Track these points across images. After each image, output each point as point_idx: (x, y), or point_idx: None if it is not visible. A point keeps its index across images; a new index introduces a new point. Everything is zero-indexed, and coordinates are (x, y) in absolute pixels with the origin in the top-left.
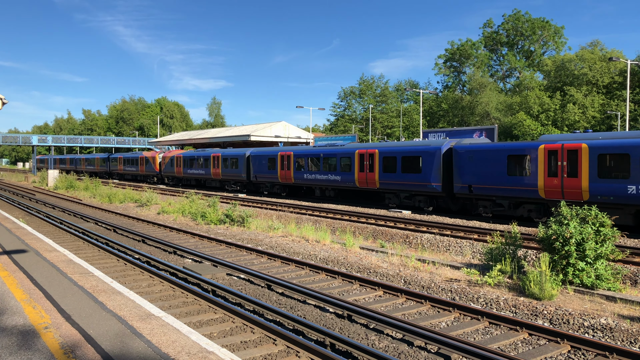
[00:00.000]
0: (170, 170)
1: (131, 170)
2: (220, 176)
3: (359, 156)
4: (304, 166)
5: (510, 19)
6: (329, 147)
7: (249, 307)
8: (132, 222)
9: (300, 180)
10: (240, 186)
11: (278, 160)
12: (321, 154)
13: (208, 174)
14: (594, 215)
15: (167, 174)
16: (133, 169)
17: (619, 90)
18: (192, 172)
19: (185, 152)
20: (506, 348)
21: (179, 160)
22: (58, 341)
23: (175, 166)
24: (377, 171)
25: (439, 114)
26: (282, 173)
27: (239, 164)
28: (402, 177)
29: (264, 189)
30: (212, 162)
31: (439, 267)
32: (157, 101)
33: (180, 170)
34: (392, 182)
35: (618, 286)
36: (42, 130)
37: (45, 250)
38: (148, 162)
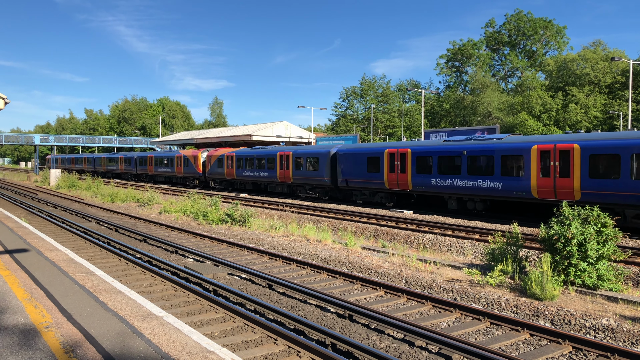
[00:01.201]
0: (217, 172)
1: (165, 172)
2: (291, 179)
3: None
4: (432, 167)
5: (512, 18)
6: (474, 141)
7: (250, 307)
8: (133, 222)
9: (427, 187)
10: (321, 192)
11: (385, 160)
12: (464, 151)
13: (272, 177)
14: (596, 216)
15: (214, 176)
16: (167, 171)
17: (621, 90)
18: (250, 174)
19: (240, 150)
20: (507, 348)
21: (230, 159)
22: (59, 340)
23: (225, 167)
24: None
25: (440, 114)
26: (390, 177)
27: (319, 164)
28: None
29: (358, 197)
30: (278, 162)
31: (441, 267)
32: (159, 101)
33: (232, 172)
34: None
35: (620, 287)
36: (44, 129)
37: (46, 250)
38: (188, 163)
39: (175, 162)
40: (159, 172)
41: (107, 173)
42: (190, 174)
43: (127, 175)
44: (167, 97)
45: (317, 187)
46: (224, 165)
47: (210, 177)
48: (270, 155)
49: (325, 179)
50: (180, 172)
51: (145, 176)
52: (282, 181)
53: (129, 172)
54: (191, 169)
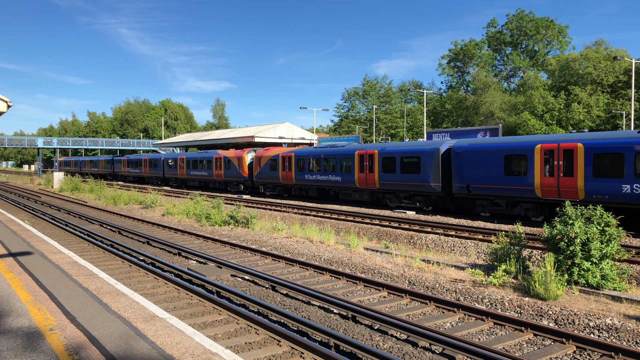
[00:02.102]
0: (270, 176)
1: (199, 176)
2: (377, 184)
3: None
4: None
5: (514, 18)
6: None
7: (253, 308)
8: (136, 224)
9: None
10: (424, 201)
11: (537, 159)
12: None
13: (348, 181)
14: (599, 215)
15: (265, 181)
16: (202, 174)
17: (624, 90)
18: (314, 178)
19: (301, 149)
20: (511, 348)
21: (287, 160)
22: (63, 343)
23: (280, 169)
24: None
25: (443, 114)
26: (545, 182)
27: (422, 165)
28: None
29: (486, 208)
30: (357, 162)
31: (444, 268)
32: (162, 103)
33: (290, 176)
34: None
35: (624, 286)
36: (47, 132)
37: (50, 252)
38: (230, 165)
39: (214, 164)
40: (192, 175)
41: (128, 177)
42: (232, 178)
43: (152, 180)
44: (169, 99)
45: (418, 195)
46: (279, 168)
47: (260, 181)
48: (344, 154)
49: (432, 184)
50: (219, 175)
51: (175, 180)
52: (363, 187)
53: (154, 176)
54: (234, 171)
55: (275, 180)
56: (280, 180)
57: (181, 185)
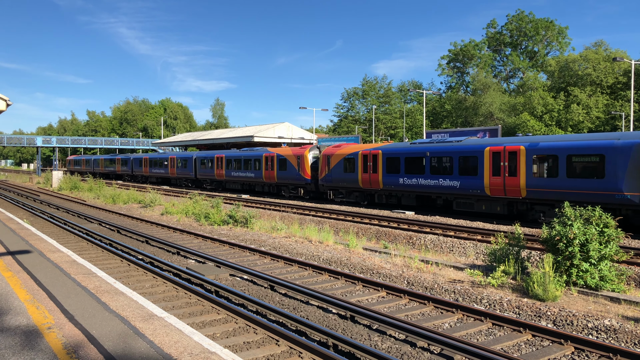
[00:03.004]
0: (344, 178)
1: (244, 178)
2: (522, 192)
3: None
4: None
5: (514, 19)
6: None
7: (252, 308)
8: (135, 223)
9: None
10: None
11: None
12: None
13: (474, 187)
14: (598, 216)
15: (337, 184)
16: (248, 176)
17: (623, 91)
18: (417, 182)
19: (393, 145)
20: (509, 349)
21: (371, 159)
22: (61, 341)
23: (361, 170)
24: None
25: (442, 114)
26: None
27: (607, 165)
28: None
29: None
30: (488, 161)
31: (442, 268)
32: (161, 102)
33: (377, 179)
34: None
35: (622, 287)
36: (46, 131)
37: (49, 251)
38: (286, 164)
39: (263, 164)
40: (233, 177)
41: (150, 178)
42: (289, 181)
43: (181, 182)
44: (169, 99)
45: (609, 207)
46: (358, 169)
47: (328, 185)
48: (466, 152)
49: (625, 193)
50: (270, 177)
51: (211, 182)
52: (498, 195)
53: (184, 177)
54: (292, 173)
55: (351, 184)
56: (359, 184)
57: (218, 188)
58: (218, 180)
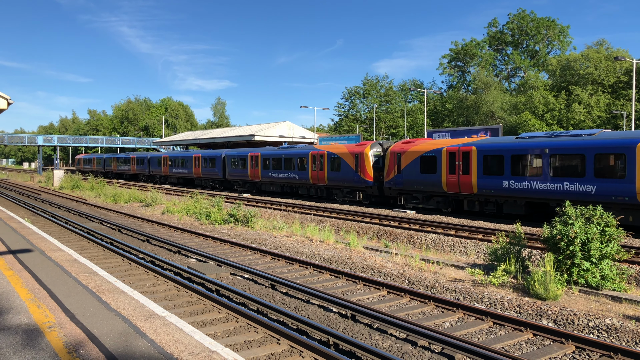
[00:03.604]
0: (421, 180)
1: (285, 179)
2: None
3: None
4: None
5: (515, 18)
6: None
7: (252, 307)
8: (136, 222)
9: None
10: None
11: None
12: None
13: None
14: (599, 215)
15: (410, 187)
16: (291, 177)
17: (625, 90)
18: (533, 186)
19: (492, 140)
20: (510, 348)
21: (461, 157)
22: (62, 340)
23: (446, 171)
24: None
25: (443, 113)
26: None
27: None
28: None
29: None
30: None
31: (443, 267)
32: (162, 101)
33: (471, 181)
34: None
35: (623, 286)
36: (47, 130)
37: (50, 250)
38: (340, 164)
39: (310, 164)
40: (271, 178)
41: (169, 178)
42: (344, 183)
43: (207, 183)
44: (170, 98)
45: None
46: (441, 169)
47: (397, 188)
48: (607, 147)
49: None
50: (319, 178)
51: (243, 184)
52: None
53: (210, 178)
54: (347, 174)
55: (430, 188)
56: (442, 187)
57: (252, 189)
58: (252, 182)
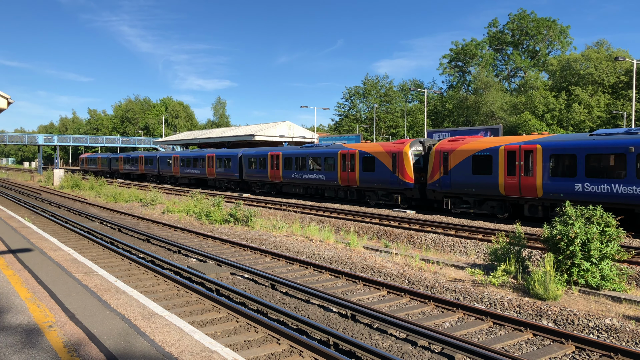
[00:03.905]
0: (473, 182)
1: (313, 180)
2: None
3: None
4: None
5: (516, 18)
6: None
7: (252, 307)
8: (136, 222)
9: None
10: None
11: None
12: None
13: None
14: (599, 216)
15: (460, 190)
16: (317, 178)
17: (625, 90)
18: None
19: (551, 138)
20: (510, 348)
21: (520, 156)
22: (62, 340)
23: (505, 172)
24: None
25: (443, 113)
26: None
27: None
28: None
29: None
30: None
31: (443, 267)
32: (162, 101)
33: (534, 184)
34: None
35: (623, 287)
36: (47, 129)
37: (50, 249)
38: (374, 164)
39: (339, 164)
40: (294, 179)
41: (180, 179)
42: (379, 185)
43: (221, 184)
44: (170, 97)
45: None
46: (499, 169)
47: (444, 191)
48: None
49: None
50: (350, 179)
51: (262, 185)
52: None
53: (225, 179)
54: (383, 175)
55: (484, 191)
56: (499, 190)
57: (272, 191)
58: (272, 183)
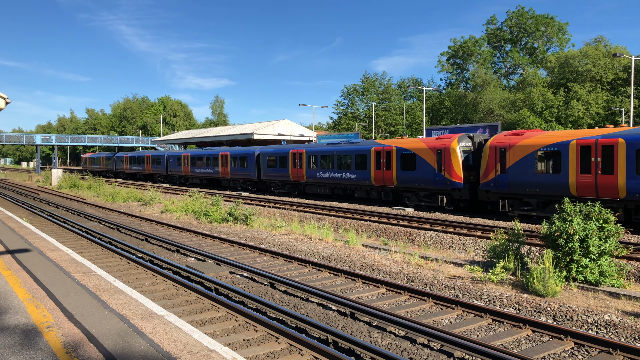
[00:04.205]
0: (536, 181)
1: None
2: None
3: None
4: None
5: (514, 15)
6: None
7: (251, 306)
8: (135, 221)
9: None
10: None
11: None
12: None
13: None
14: (598, 212)
15: (519, 190)
16: (347, 177)
17: (623, 87)
18: None
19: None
20: (509, 345)
21: (597, 152)
22: (60, 340)
23: (577, 169)
24: None
25: (442, 111)
26: None
27: None
28: None
29: None
30: None
31: (442, 265)
32: (161, 100)
33: (616, 184)
34: None
35: (622, 282)
36: (45, 129)
37: (48, 250)
38: (415, 161)
39: (372, 162)
40: (319, 179)
41: (190, 179)
42: (420, 184)
43: (237, 184)
44: (168, 96)
45: None
46: (568, 167)
47: (501, 191)
48: None
49: None
50: (385, 179)
51: (283, 185)
52: None
53: (241, 178)
54: (426, 173)
55: (549, 191)
56: (570, 190)
57: (293, 192)
58: (294, 183)
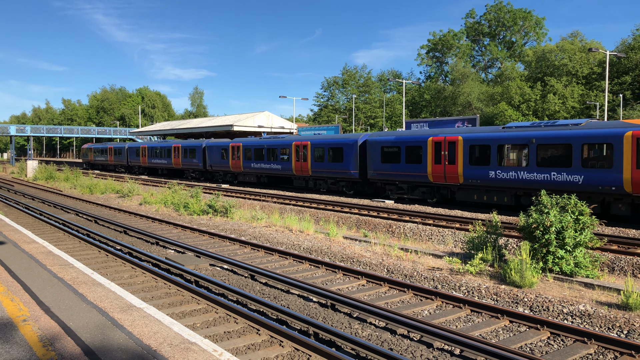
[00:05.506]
0: None
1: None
2: None
3: None
4: None
5: (493, 9)
6: None
7: (232, 298)
8: (113, 213)
9: None
10: None
11: None
12: None
13: None
14: (574, 204)
15: None
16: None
17: (598, 81)
18: None
19: None
20: (487, 335)
21: None
22: (37, 333)
23: None
24: None
25: (421, 104)
26: None
27: None
28: None
29: None
30: None
31: (422, 256)
32: (139, 91)
33: None
34: None
35: (596, 273)
36: (19, 120)
37: (24, 242)
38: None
39: (430, 155)
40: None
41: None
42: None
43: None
44: (146, 87)
45: None
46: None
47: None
48: None
49: None
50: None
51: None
52: None
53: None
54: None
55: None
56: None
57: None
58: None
